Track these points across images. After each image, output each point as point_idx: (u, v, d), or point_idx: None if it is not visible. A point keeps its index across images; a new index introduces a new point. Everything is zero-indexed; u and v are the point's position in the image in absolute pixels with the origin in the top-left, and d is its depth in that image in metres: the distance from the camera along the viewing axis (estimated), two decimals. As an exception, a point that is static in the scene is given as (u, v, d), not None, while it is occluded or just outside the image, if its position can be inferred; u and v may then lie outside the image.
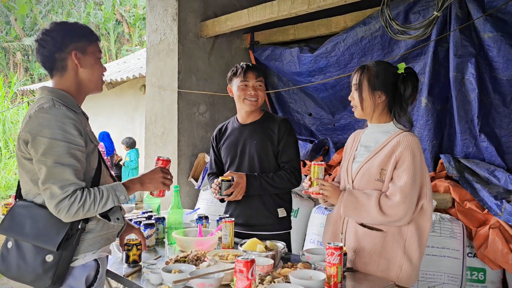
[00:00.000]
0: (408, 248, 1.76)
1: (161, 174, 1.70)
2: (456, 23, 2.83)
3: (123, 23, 18.91)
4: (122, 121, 9.39)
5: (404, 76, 1.79)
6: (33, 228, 1.48)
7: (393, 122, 1.83)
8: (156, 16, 4.02)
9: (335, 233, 1.95)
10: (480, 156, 2.90)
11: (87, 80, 1.62)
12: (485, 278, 2.59)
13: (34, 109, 1.49)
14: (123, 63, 11.40)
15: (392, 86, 1.80)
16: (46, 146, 1.43)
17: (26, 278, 1.50)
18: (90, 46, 1.62)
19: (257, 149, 2.29)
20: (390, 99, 1.81)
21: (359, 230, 1.83)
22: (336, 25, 3.52)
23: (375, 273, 1.76)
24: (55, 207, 1.43)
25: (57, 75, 1.60)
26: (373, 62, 1.87)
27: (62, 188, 1.43)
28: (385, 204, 1.71)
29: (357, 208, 1.77)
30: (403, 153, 1.72)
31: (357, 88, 1.84)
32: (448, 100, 3.03)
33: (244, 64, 2.33)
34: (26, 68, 19.05)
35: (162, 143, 3.96)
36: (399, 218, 1.71)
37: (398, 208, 1.69)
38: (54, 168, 1.43)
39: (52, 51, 1.56)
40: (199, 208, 3.33)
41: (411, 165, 1.71)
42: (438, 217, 2.58)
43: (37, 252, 1.48)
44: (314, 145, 3.78)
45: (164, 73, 3.93)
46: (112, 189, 1.54)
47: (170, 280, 1.55)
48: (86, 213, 1.46)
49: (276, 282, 1.55)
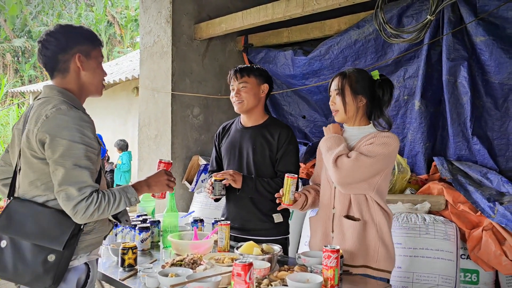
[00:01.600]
0: (380, 231, 1.87)
1: (166, 177, 1.76)
2: (449, 27, 2.86)
3: (115, 24, 18.82)
4: (114, 123, 9.34)
5: (380, 82, 1.93)
6: (36, 227, 1.47)
7: (371, 125, 1.95)
8: (150, 18, 4.00)
9: (325, 233, 1.99)
10: (472, 158, 2.93)
11: (88, 83, 1.63)
12: (478, 279, 2.61)
13: (50, 110, 1.47)
14: (115, 65, 11.35)
15: (370, 91, 1.93)
16: (65, 148, 1.44)
17: (23, 279, 1.48)
18: (94, 50, 1.63)
19: (255, 154, 2.27)
20: (370, 103, 1.94)
21: (344, 224, 1.90)
22: (330, 28, 3.54)
23: (358, 262, 1.86)
24: (72, 209, 1.43)
25: (58, 76, 1.60)
26: (352, 68, 2.00)
27: (80, 190, 1.43)
28: (341, 159, 1.82)
29: (330, 149, 1.89)
30: (377, 138, 1.85)
31: (339, 93, 1.94)
32: (441, 103, 3.06)
33: (234, 68, 2.32)
34: (16, 69, 18.87)
35: (156, 145, 3.95)
36: (347, 173, 1.79)
37: (347, 164, 1.79)
38: (72, 170, 1.44)
39: (56, 52, 1.56)
40: (194, 211, 3.32)
41: (380, 145, 1.82)
42: (432, 219, 2.60)
43: (38, 252, 1.46)
44: (308, 147, 3.79)
45: (158, 75, 3.91)
46: (124, 191, 1.56)
47: (168, 284, 1.54)
48: (101, 215, 1.48)
49: (273, 285, 1.55)
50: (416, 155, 3.16)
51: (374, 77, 1.95)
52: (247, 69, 2.29)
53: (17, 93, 13.55)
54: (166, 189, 1.77)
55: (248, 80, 2.26)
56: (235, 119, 2.47)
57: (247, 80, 2.26)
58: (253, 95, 2.26)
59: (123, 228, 2.27)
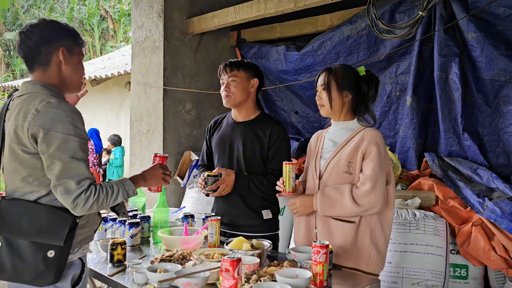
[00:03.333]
0: (374, 236, 1.88)
1: (161, 171, 1.78)
2: (441, 23, 2.86)
3: (108, 19, 18.67)
4: (107, 118, 9.28)
5: (366, 78, 1.95)
6: (32, 225, 1.45)
7: (356, 120, 1.98)
8: (142, 13, 3.97)
9: (308, 229, 2.01)
10: (463, 154, 2.95)
11: (69, 78, 1.61)
12: (467, 274, 2.64)
13: (40, 104, 1.45)
14: (107, 59, 11.27)
15: (356, 87, 1.95)
16: (61, 141, 1.43)
17: (24, 277, 1.46)
18: (76, 47, 1.63)
19: (245, 150, 2.25)
20: (355, 98, 1.96)
21: (331, 224, 1.91)
22: (322, 23, 3.54)
23: (347, 264, 1.87)
24: (72, 202, 1.43)
25: (39, 69, 1.57)
26: (338, 64, 2.02)
27: (78, 183, 1.44)
28: (358, 195, 1.82)
29: (332, 206, 1.87)
30: (368, 145, 1.86)
31: (325, 88, 1.96)
32: (433, 99, 3.07)
33: (224, 62, 2.30)
34: (7, 63, 18.68)
35: (147, 140, 3.93)
36: (373, 205, 1.82)
37: (370, 196, 1.81)
38: (70, 163, 1.44)
39: (38, 43, 1.54)
40: (185, 207, 3.31)
41: (377, 155, 1.84)
42: (422, 215, 2.62)
43: (37, 249, 1.45)
44: (300, 143, 3.79)
45: (150, 70, 3.89)
46: (121, 183, 1.57)
47: (155, 279, 1.54)
48: (100, 206, 1.49)
49: (262, 281, 1.55)
50: (408, 151, 3.17)
51: (360, 72, 1.97)
52: (237, 63, 2.27)
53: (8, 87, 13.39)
54: (162, 183, 1.78)
55: (238, 74, 2.24)
56: (227, 113, 2.45)
57: (237, 74, 2.24)
58: (242, 89, 2.25)
59: (113, 223, 2.26)
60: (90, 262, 1.91)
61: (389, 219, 1.94)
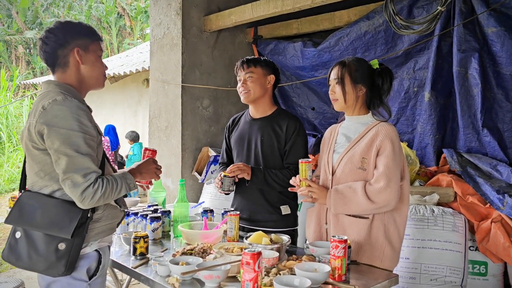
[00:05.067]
0: (388, 232, 1.87)
1: (154, 165, 1.82)
2: (460, 18, 2.83)
3: (125, 16, 18.85)
4: (125, 115, 9.41)
5: (380, 71, 1.93)
6: (45, 217, 1.52)
7: (370, 114, 1.96)
8: (160, 10, 4.02)
9: (319, 225, 2.02)
10: (482, 150, 2.92)
11: (88, 76, 1.68)
12: (486, 271, 2.62)
13: (47, 102, 1.53)
14: (125, 56, 11.40)
15: (370, 80, 1.93)
16: (64, 137, 1.48)
17: (38, 267, 1.53)
18: (92, 44, 1.68)
19: (263, 146, 2.28)
20: (369, 92, 1.94)
21: (344, 220, 1.91)
22: (339, 19, 3.53)
23: (360, 260, 1.86)
24: (80, 195, 1.48)
25: (59, 71, 1.65)
26: (351, 58, 2.00)
27: (85, 177, 1.49)
28: (372, 192, 1.81)
29: (346, 203, 1.86)
30: (383, 141, 1.84)
31: (338, 82, 1.95)
32: (451, 94, 3.04)
33: (241, 59, 2.34)
34: (28, 61, 19.04)
35: (166, 137, 3.99)
36: (388, 202, 1.81)
37: (384, 193, 1.79)
38: (75, 158, 1.49)
39: (54, 47, 1.62)
40: (204, 202, 3.36)
41: (392, 152, 1.83)
42: (440, 211, 2.61)
43: (49, 241, 1.52)
44: (317, 139, 3.80)
45: (168, 67, 3.94)
46: (124, 177, 1.62)
47: (178, 272, 1.58)
48: (106, 199, 1.54)
49: (281, 274, 1.58)
50: (426, 147, 3.15)
51: (373, 66, 1.95)
52: (254, 60, 2.32)
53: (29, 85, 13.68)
54: (154, 177, 1.82)
55: (255, 70, 2.28)
56: (245, 111, 2.49)
57: (254, 70, 2.28)
58: (259, 85, 2.28)
59: (135, 217, 2.31)
60: (113, 255, 1.97)
61: (403, 215, 1.92)
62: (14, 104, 12.29)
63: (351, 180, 1.89)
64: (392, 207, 1.84)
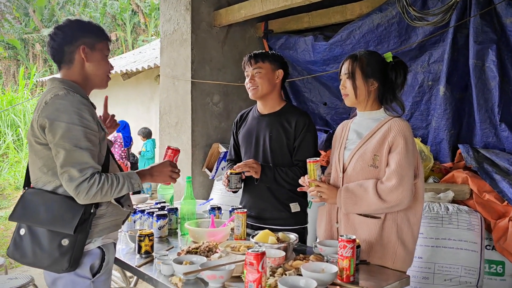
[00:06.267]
0: (400, 232, 1.80)
1: (170, 168, 1.77)
2: (477, 8, 2.73)
3: (139, 13, 18.95)
4: (138, 111, 9.46)
5: (393, 65, 1.85)
6: (48, 213, 1.52)
7: (383, 109, 1.89)
8: (170, 6, 3.99)
9: (330, 224, 1.96)
10: (500, 146, 2.81)
11: (92, 74, 1.68)
12: (504, 271, 2.53)
13: (49, 96, 1.53)
14: (138, 53, 11.46)
15: (382, 74, 1.85)
16: (64, 130, 1.48)
17: (42, 263, 1.53)
18: (99, 43, 1.69)
19: (272, 142, 2.23)
20: (381, 87, 1.86)
21: (355, 219, 1.85)
22: (351, 12, 3.45)
23: (372, 261, 1.80)
24: (74, 189, 1.48)
25: (64, 68, 1.67)
26: (363, 51, 1.91)
27: (81, 171, 1.48)
28: (383, 191, 1.73)
29: (356, 203, 1.79)
30: (395, 138, 1.77)
31: (349, 77, 1.87)
32: (467, 88, 2.94)
33: (248, 54, 2.28)
34: (45, 59, 19.30)
35: (176, 133, 3.97)
36: (400, 201, 1.73)
37: (396, 192, 1.72)
38: (73, 152, 1.48)
39: (61, 44, 1.64)
40: (212, 199, 3.33)
41: (404, 148, 1.75)
42: (455, 209, 2.52)
43: (53, 237, 1.52)
44: (329, 135, 3.73)
45: (178, 63, 3.92)
46: (128, 176, 1.61)
47: (181, 271, 1.55)
48: (104, 196, 1.52)
49: (287, 275, 1.54)
50: (441, 143, 3.06)
51: (387, 59, 1.86)
52: (261, 54, 2.25)
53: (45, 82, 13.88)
54: (169, 180, 1.77)
55: (263, 66, 2.22)
56: (253, 107, 2.44)
57: (261, 66, 2.22)
58: (267, 81, 2.22)
59: (141, 215, 2.30)
60: (119, 253, 1.95)
61: (417, 214, 1.84)
62: (31, 101, 12.48)
63: (362, 178, 1.82)
64: (405, 206, 1.76)
